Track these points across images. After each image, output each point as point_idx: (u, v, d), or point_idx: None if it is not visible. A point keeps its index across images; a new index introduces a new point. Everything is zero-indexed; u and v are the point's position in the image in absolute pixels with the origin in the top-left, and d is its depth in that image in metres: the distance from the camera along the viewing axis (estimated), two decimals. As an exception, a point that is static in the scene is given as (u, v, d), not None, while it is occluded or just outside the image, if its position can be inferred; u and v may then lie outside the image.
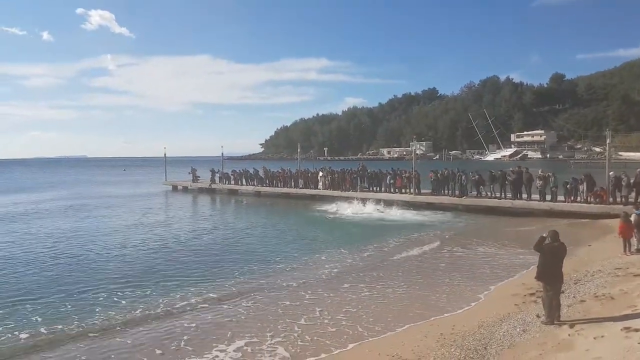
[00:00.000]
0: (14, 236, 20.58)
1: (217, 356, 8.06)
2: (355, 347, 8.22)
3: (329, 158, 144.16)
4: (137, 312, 10.36)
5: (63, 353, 8.31)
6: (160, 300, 11.16)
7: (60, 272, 14.06)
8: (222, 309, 10.48)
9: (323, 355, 7.97)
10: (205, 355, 8.10)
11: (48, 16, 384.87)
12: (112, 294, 11.74)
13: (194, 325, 9.51)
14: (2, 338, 8.97)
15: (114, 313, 10.32)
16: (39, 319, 9.96)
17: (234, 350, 8.23)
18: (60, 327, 9.50)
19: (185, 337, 8.86)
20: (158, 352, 8.29)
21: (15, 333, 9.19)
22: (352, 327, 9.18)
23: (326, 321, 9.58)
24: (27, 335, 9.09)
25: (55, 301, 11.20)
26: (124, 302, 11.16)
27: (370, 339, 8.55)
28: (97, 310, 10.52)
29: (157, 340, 8.77)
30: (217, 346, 8.42)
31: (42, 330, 9.34)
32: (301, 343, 8.46)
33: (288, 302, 10.84)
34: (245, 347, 8.34)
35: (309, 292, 11.66)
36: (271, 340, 8.61)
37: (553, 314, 8.07)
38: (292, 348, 8.24)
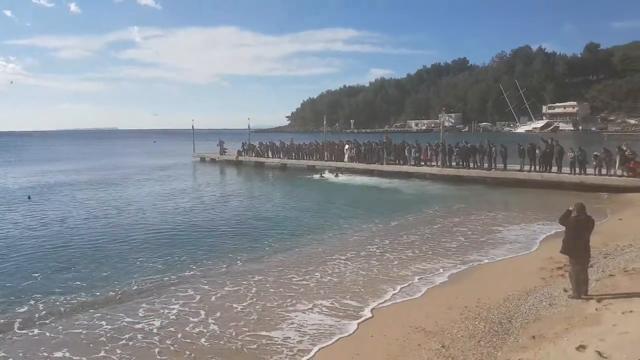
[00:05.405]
0: (51, 206, 21.36)
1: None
2: (377, 316, 8.38)
3: (355, 130, 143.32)
4: (170, 275, 10.72)
5: (102, 316, 8.66)
6: (196, 266, 11.61)
7: (97, 240, 14.61)
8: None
9: (345, 322, 8.12)
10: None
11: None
12: (146, 260, 12.28)
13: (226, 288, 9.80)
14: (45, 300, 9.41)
15: (150, 277, 10.77)
16: (80, 284, 10.39)
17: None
18: (98, 292, 9.91)
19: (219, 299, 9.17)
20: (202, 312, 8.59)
21: (57, 297, 9.64)
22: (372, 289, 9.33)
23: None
24: (65, 298, 9.51)
25: (93, 267, 11.67)
26: (160, 266, 11.70)
27: (389, 304, 8.83)
28: (134, 275, 10.97)
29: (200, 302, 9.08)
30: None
31: (82, 294, 9.76)
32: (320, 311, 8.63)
33: (312, 267, 11.11)
34: (272, 307, 8.57)
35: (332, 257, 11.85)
36: (293, 300, 8.86)
37: (580, 289, 7.99)
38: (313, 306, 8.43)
